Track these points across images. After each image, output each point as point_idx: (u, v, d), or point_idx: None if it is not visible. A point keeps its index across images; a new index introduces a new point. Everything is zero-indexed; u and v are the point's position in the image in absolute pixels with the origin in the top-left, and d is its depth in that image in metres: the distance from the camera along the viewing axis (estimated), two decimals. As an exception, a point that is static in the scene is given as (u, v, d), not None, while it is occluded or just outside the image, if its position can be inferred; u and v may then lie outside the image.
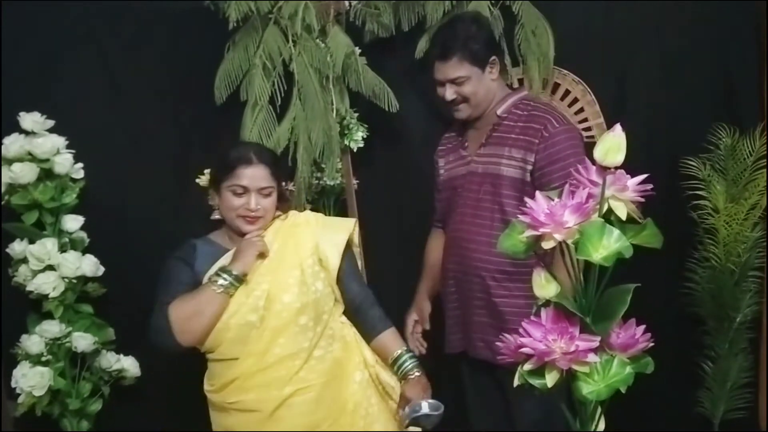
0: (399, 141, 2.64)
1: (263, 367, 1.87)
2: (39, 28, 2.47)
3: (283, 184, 2.10)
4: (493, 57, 2.21)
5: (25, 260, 2.38)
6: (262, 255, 1.88)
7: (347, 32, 2.45)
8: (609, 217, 1.33)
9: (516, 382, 1.44)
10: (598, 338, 1.32)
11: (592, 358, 1.32)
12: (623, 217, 1.32)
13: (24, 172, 2.33)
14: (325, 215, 2.61)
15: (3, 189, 2.38)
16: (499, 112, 2.21)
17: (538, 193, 1.37)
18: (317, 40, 2.40)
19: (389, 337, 2.01)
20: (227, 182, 1.92)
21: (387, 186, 2.65)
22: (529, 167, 2.09)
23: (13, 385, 2.39)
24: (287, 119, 2.37)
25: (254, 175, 1.92)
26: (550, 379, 1.33)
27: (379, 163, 2.63)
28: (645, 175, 1.36)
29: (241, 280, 1.84)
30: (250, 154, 1.94)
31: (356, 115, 2.50)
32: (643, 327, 1.39)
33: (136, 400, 2.58)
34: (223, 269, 1.85)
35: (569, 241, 1.31)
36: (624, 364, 1.35)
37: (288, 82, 2.37)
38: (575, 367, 1.32)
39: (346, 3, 2.49)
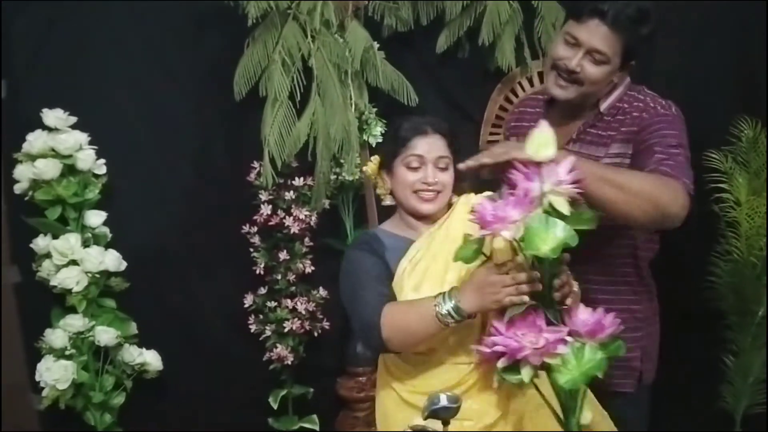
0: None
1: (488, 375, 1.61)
2: (62, 25, 2.49)
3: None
4: (634, 61, 1.82)
5: (48, 255, 2.41)
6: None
7: (366, 27, 2.45)
8: (548, 210, 1.35)
9: (495, 383, 1.46)
10: (566, 329, 1.37)
11: (561, 349, 1.36)
12: (563, 210, 1.34)
13: (47, 168, 2.37)
14: (344, 211, 2.64)
15: (27, 185, 2.41)
16: (603, 108, 1.83)
17: (481, 198, 1.44)
18: (336, 36, 2.41)
19: None
20: (402, 156, 1.68)
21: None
22: (627, 161, 1.77)
23: (37, 378, 2.42)
24: (306, 114, 2.38)
25: (431, 144, 1.68)
26: (526, 375, 1.37)
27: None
28: (576, 172, 1.34)
29: (464, 317, 1.51)
30: (424, 125, 1.71)
31: (375, 110, 2.50)
32: (612, 314, 1.41)
33: (158, 394, 2.60)
34: (452, 298, 1.50)
35: (517, 237, 1.34)
36: (595, 350, 1.38)
37: (307, 77, 2.38)
38: (547, 360, 1.36)
39: (365, -2, 2.50)
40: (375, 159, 1.82)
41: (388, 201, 1.80)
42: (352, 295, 1.67)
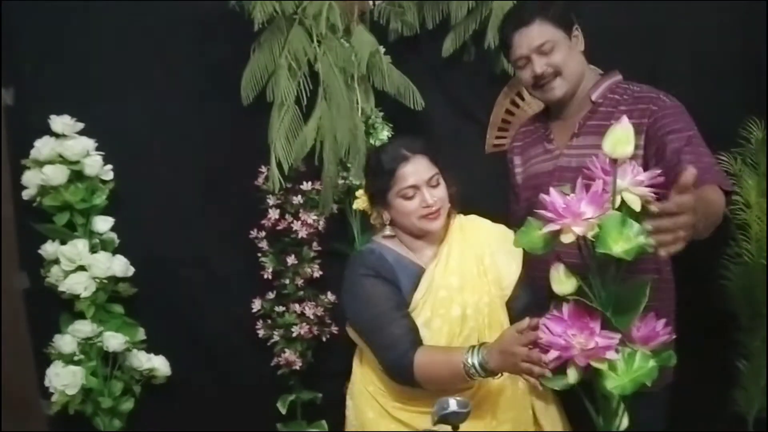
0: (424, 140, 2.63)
1: (480, 397, 1.76)
2: (69, 31, 2.50)
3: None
4: (576, 25, 1.94)
5: (56, 261, 2.42)
6: None
7: (371, 31, 2.45)
8: (620, 210, 1.33)
9: (538, 387, 1.43)
10: (618, 336, 1.32)
11: (611, 355, 1.32)
12: (637, 209, 1.31)
13: (55, 174, 2.38)
14: (352, 215, 2.64)
15: (35, 191, 2.42)
16: (594, 97, 1.91)
17: (552, 189, 1.37)
18: (342, 40, 2.41)
19: None
20: (395, 189, 1.76)
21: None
22: (641, 152, 1.79)
23: (46, 384, 2.43)
24: (313, 119, 2.38)
25: (418, 167, 1.76)
26: (572, 376, 1.34)
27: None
28: (658, 171, 1.34)
29: (489, 374, 1.59)
30: (401, 150, 1.78)
31: (381, 114, 2.50)
32: (663, 320, 1.38)
33: (166, 399, 2.60)
34: (480, 353, 1.58)
35: (589, 235, 1.30)
36: (647, 358, 1.35)
37: (313, 82, 2.38)
38: (593, 363, 1.32)
39: (370, 2, 2.50)
40: (361, 194, 1.92)
41: (387, 231, 1.84)
42: (374, 329, 1.73)
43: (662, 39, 2.47)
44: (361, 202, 1.91)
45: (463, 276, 1.77)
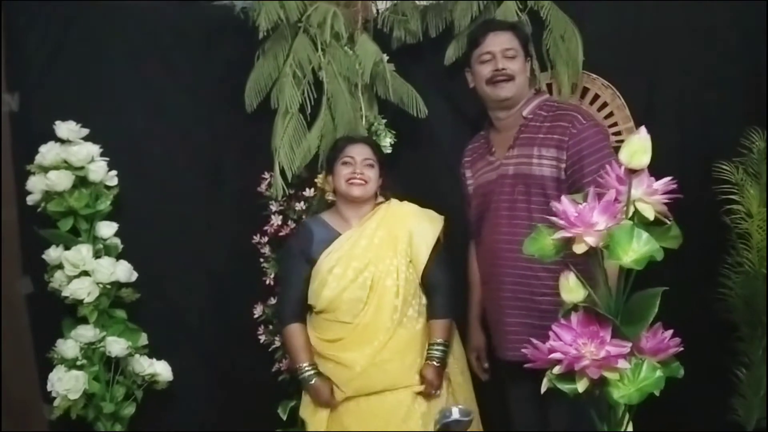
0: (427, 147, 2.64)
1: (365, 336, 2.24)
2: (74, 37, 2.51)
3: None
4: (530, 57, 2.29)
5: (60, 266, 2.42)
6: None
7: (375, 39, 2.47)
8: (632, 219, 1.33)
9: (544, 387, 1.43)
10: (629, 344, 1.32)
11: (622, 364, 1.32)
12: (651, 219, 1.32)
13: (60, 180, 2.38)
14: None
15: (39, 196, 2.43)
16: (524, 113, 2.22)
17: (564, 197, 1.38)
18: (346, 48, 2.43)
19: (438, 326, 2.29)
20: (340, 159, 2.27)
21: (415, 192, 2.65)
22: (563, 165, 2.09)
23: (49, 388, 2.43)
24: (317, 126, 2.40)
25: (360, 149, 2.28)
26: (581, 385, 1.33)
27: (407, 169, 2.63)
28: (670, 178, 1.35)
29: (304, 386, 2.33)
30: (354, 137, 2.36)
31: (384, 121, 2.51)
32: (671, 331, 1.39)
33: (168, 404, 2.60)
34: (310, 379, 2.27)
35: (600, 245, 1.31)
36: (654, 368, 1.35)
37: (317, 89, 2.39)
38: (605, 373, 1.32)
39: (374, 10, 2.51)
40: (321, 175, 2.42)
41: (331, 196, 2.36)
42: (282, 284, 2.41)
43: (662, 46, 2.48)
44: (321, 179, 2.40)
45: (372, 240, 2.26)
